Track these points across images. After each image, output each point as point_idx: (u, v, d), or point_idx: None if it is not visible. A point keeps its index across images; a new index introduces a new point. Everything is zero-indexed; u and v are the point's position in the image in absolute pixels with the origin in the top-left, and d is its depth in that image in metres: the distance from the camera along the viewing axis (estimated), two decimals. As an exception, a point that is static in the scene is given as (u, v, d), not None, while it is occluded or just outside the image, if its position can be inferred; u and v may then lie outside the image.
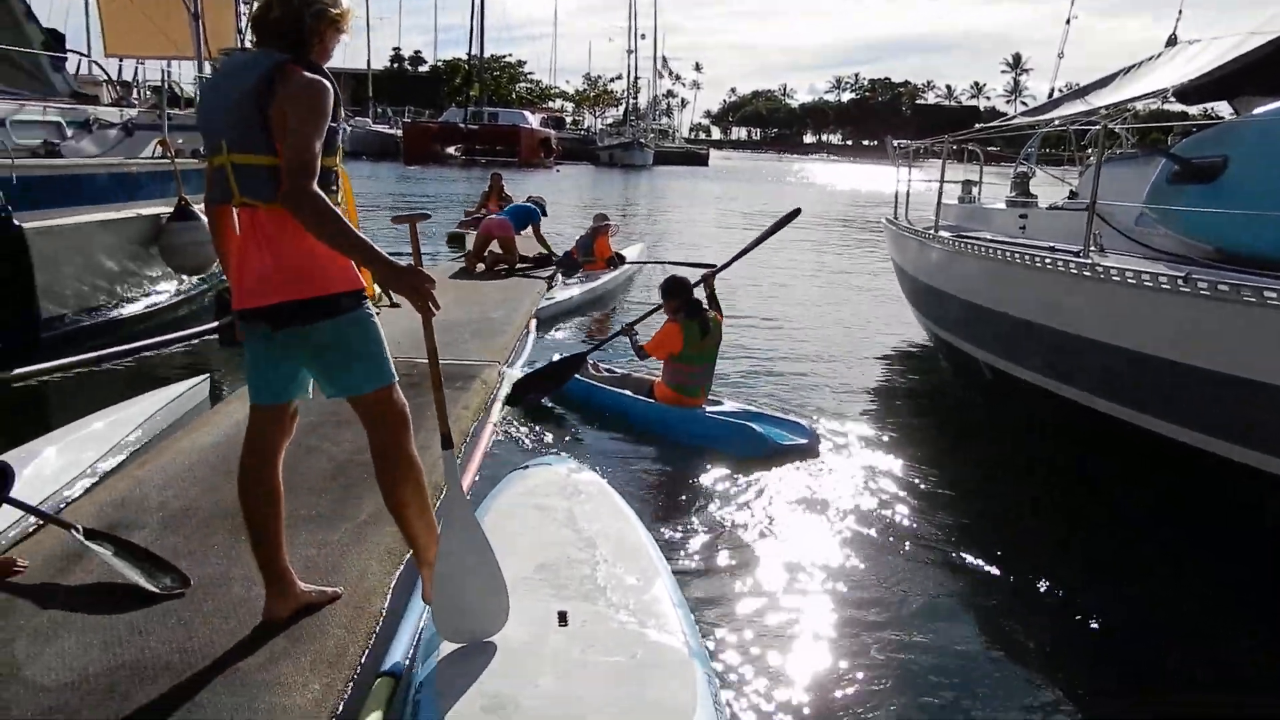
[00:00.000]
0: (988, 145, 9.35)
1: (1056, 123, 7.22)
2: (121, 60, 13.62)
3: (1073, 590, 4.27)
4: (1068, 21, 11.12)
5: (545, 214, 12.89)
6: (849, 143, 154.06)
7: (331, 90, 2.78)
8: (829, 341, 9.96)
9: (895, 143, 10.18)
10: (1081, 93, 7.08)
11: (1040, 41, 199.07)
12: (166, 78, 11.34)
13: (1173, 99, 6.29)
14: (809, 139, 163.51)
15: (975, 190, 9.45)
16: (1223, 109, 6.85)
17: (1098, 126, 6.36)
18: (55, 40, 9.86)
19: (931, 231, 7.70)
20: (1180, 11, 8.17)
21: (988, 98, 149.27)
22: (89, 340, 7.70)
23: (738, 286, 13.13)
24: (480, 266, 11.76)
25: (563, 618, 2.97)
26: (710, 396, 6.38)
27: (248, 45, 12.02)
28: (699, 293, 6.39)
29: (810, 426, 6.04)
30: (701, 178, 57.31)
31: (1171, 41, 7.27)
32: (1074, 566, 4.58)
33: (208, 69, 10.90)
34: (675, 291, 6.25)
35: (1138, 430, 5.00)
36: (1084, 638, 3.96)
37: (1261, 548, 4.36)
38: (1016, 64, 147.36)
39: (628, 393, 6.43)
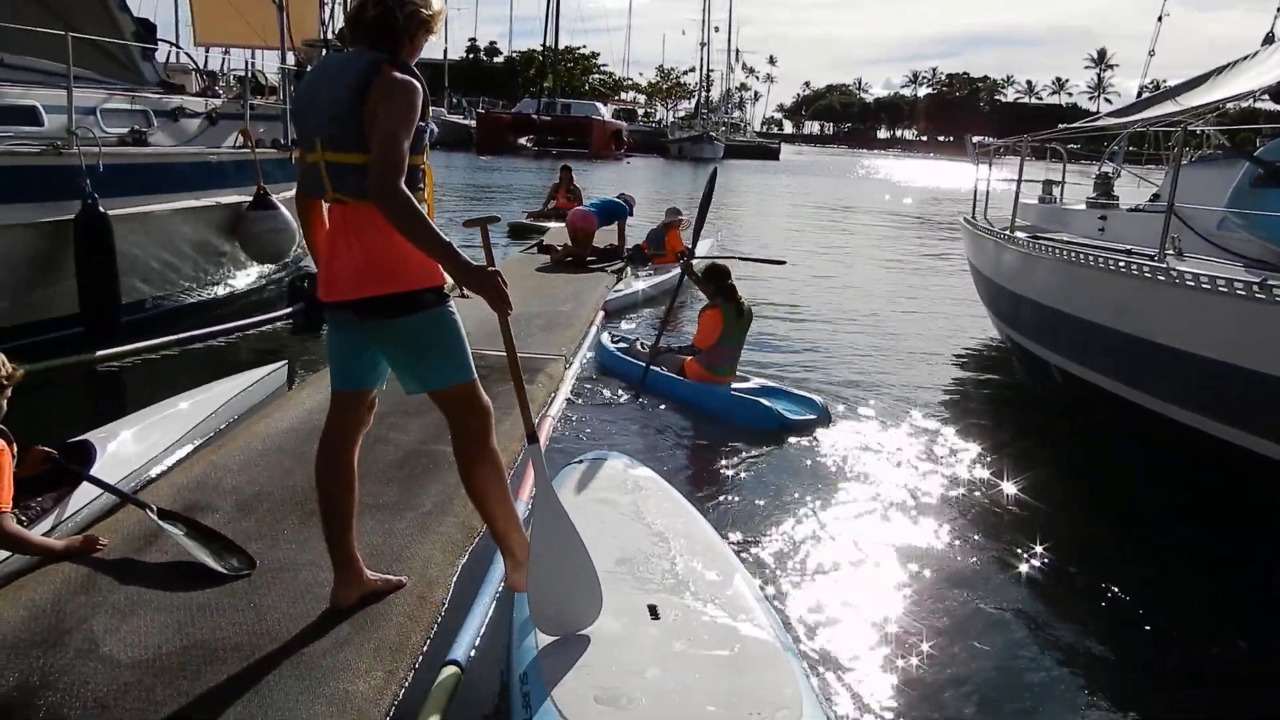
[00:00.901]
0: (1069, 144, 9.11)
1: (1140, 124, 7.01)
2: (208, 50, 13.99)
3: (1129, 592, 4.21)
4: (1159, 19, 10.71)
5: (632, 213, 12.92)
6: (924, 139, 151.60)
7: (422, 90, 2.84)
8: (903, 339, 9.86)
9: (974, 140, 9.96)
10: (1172, 93, 6.85)
11: (1126, 36, 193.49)
12: (250, 68, 11.63)
13: (1267, 99, 6.08)
14: (883, 134, 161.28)
15: (1056, 191, 9.22)
16: None
17: (1183, 126, 6.19)
18: (146, 30, 10.14)
19: (1006, 232, 7.56)
20: (1278, 10, 7.82)
21: (1069, 94, 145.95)
22: (169, 324, 7.94)
23: (813, 283, 13.11)
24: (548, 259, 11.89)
25: (653, 611, 2.99)
26: (739, 373, 6.76)
27: (329, 37, 12.39)
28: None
29: (822, 403, 6.31)
30: (771, 172, 56.90)
31: (1269, 39, 7.01)
32: (1131, 569, 4.50)
33: (290, 59, 11.16)
34: (712, 277, 6.64)
35: (1211, 439, 4.88)
36: (1137, 640, 3.90)
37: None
38: (1101, 59, 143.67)
39: (662, 369, 6.80)
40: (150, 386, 6.82)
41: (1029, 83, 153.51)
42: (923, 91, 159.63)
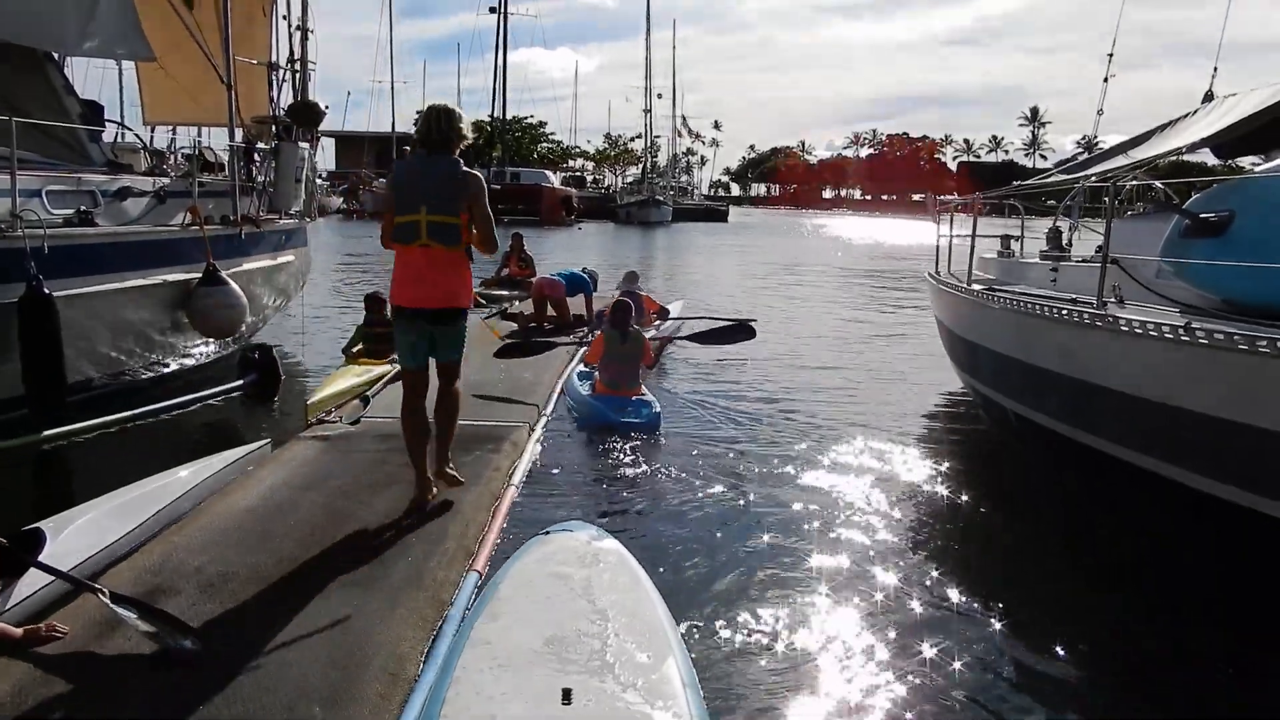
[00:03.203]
0: (1024, 200, 9.41)
1: (1094, 179, 7.27)
2: (154, 129, 13.94)
3: (1087, 627, 4.35)
4: (1105, 80, 11.19)
5: (596, 288, 13.01)
6: (868, 197, 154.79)
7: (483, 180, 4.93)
8: (866, 389, 10.02)
9: (935, 198, 10.28)
10: (1121, 148, 7.19)
11: (1057, 93, 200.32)
12: (198, 145, 11.59)
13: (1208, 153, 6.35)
14: (828, 194, 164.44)
15: (1014, 244, 9.50)
16: None
17: (1114, 182, 6.43)
18: (93, 112, 10.08)
19: (963, 285, 7.76)
20: (1215, 69, 8.36)
21: (1006, 151, 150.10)
22: (117, 402, 7.77)
23: (776, 338, 13.23)
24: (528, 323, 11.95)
25: (566, 695, 2.85)
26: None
27: (278, 115, 12.42)
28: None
29: (654, 410, 7.68)
30: (722, 233, 57.64)
31: (1208, 97, 7.34)
32: (1086, 603, 4.76)
33: (239, 135, 11.15)
34: (612, 309, 8.45)
35: (1154, 476, 5.13)
36: (1093, 669, 3.99)
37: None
38: (1034, 117, 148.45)
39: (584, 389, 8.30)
40: (101, 466, 6.65)
41: (966, 141, 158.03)
42: (864, 152, 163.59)
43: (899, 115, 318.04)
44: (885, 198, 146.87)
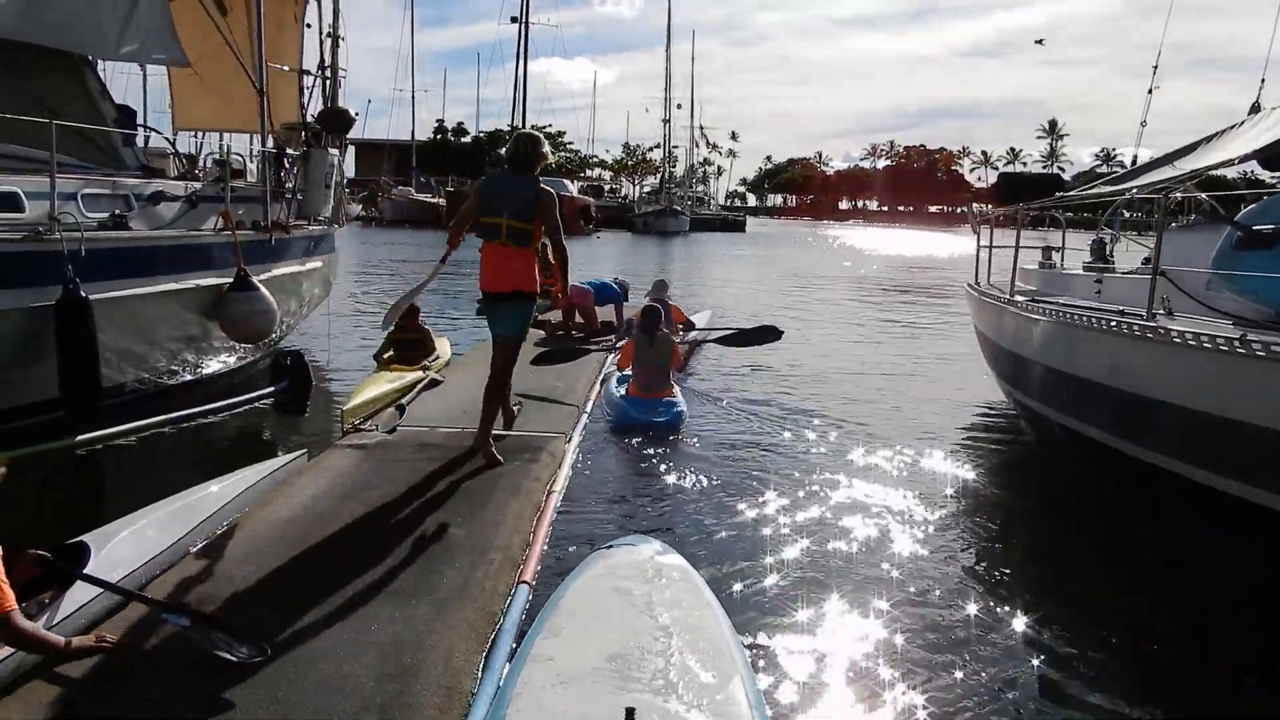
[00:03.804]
0: (1067, 212, 9.32)
1: (1134, 192, 7.19)
2: (176, 134, 13.97)
3: (1136, 638, 4.38)
4: (1149, 91, 11.08)
5: (627, 298, 12.96)
6: (885, 208, 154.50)
7: (556, 195, 6.02)
8: (909, 403, 9.93)
9: (975, 209, 10.20)
10: (1166, 160, 7.11)
11: (1077, 107, 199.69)
12: (229, 152, 11.61)
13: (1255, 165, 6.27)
14: (844, 205, 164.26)
15: (1056, 256, 9.42)
16: None
17: (1165, 194, 6.36)
18: (127, 116, 10.11)
19: (1006, 296, 7.69)
20: (1263, 80, 8.26)
21: (1024, 163, 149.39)
22: (150, 407, 7.76)
23: (813, 348, 13.18)
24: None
25: (630, 715, 2.80)
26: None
27: (308, 120, 12.45)
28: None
29: (678, 409, 8.07)
30: (740, 243, 57.60)
31: (1255, 108, 7.25)
32: (1122, 606, 4.82)
33: (270, 142, 11.16)
34: (641, 315, 8.83)
35: (1205, 488, 5.06)
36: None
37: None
38: (1052, 130, 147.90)
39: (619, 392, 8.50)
40: (137, 472, 6.64)
41: (984, 153, 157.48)
42: (881, 163, 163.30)
43: (916, 127, 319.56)
44: (902, 209, 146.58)
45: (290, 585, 4.02)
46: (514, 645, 3.64)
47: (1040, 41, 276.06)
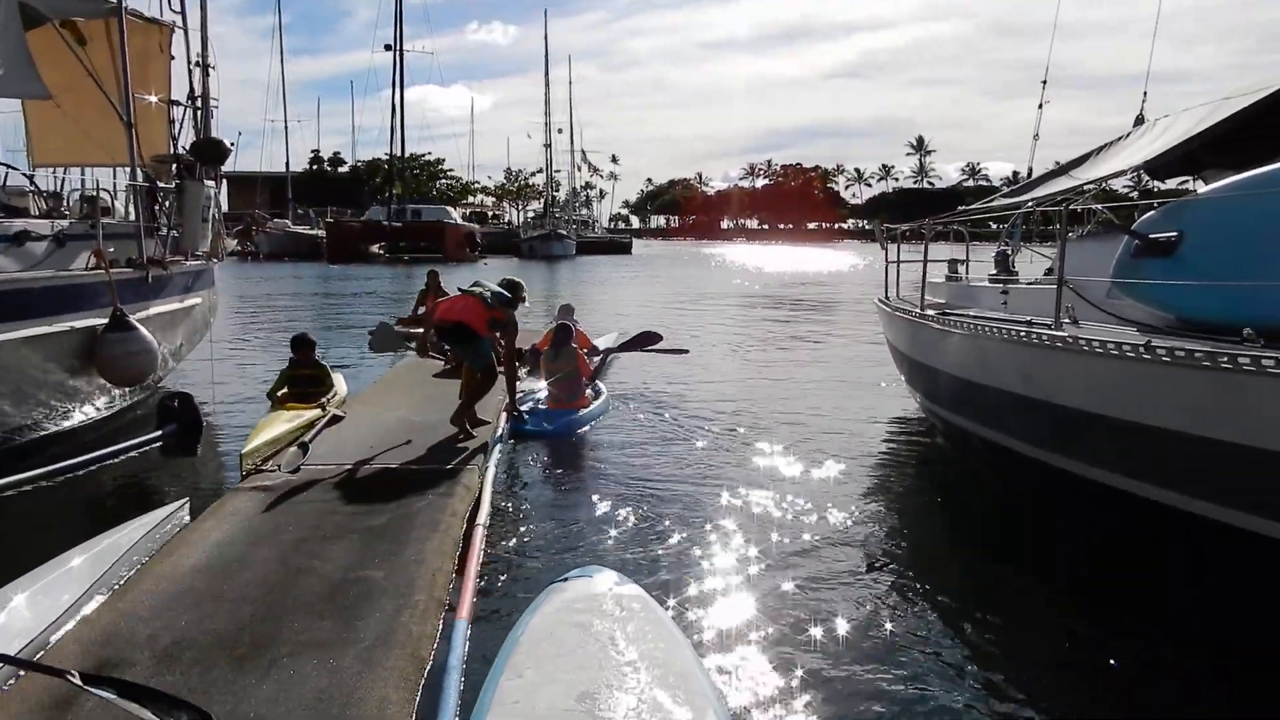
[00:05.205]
0: (967, 225, 9.55)
1: (1044, 201, 7.42)
2: (35, 170, 13.17)
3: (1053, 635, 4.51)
4: (1040, 106, 11.51)
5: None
6: (765, 226, 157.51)
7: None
8: (820, 417, 9.92)
9: (882, 226, 10.39)
10: (1062, 170, 7.36)
11: (942, 125, 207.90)
12: (99, 187, 11.03)
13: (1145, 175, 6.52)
14: (726, 224, 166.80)
15: (961, 269, 9.65)
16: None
17: (1065, 205, 6.56)
18: (-20, 153, 9.49)
19: (918, 311, 7.86)
20: (1145, 94, 8.74)
21: (896, 179, 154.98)
22: (21, 459, 7.23)
23: (722, 366, 13.17)
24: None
25: None
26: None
27: (179, 153, 11.91)
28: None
29: (565, 420, 8.63)
30: (628, 265, 57.79)
31: (1139, 120, 7.58)
32: (1043, 610, 4.96)
33: (140, 175, 10.62)
34: (552, 333, 9.76)
35: (1115, 491, 5.19)
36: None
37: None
38: (920, 146, 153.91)
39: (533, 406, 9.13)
40: (14, 527, 6.14)
41: (858, 170, 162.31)
42: (760, 182, 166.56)
43: (792, 146, 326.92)
44: (782, 226, 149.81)
45: (202, 641, 3.73)
46: (461, 685, 3.46)
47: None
